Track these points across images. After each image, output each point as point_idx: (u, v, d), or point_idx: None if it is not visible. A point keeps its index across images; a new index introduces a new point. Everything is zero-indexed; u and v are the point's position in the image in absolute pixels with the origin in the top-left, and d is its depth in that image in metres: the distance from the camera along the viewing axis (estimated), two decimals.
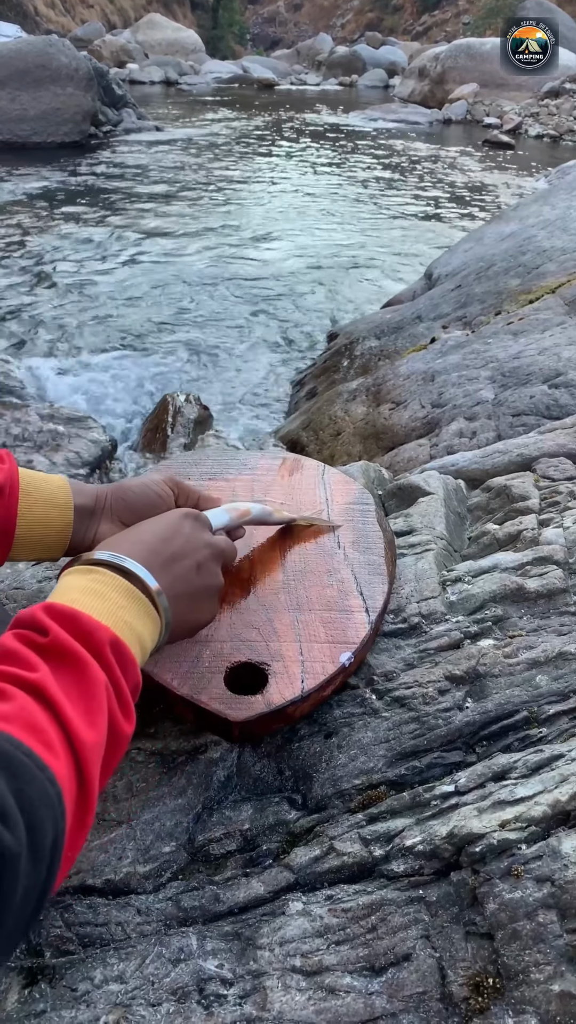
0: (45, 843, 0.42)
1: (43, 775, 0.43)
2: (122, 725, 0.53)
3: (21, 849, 0.39)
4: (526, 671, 0.80)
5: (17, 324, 4.06)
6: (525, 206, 3.81)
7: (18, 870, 0.39)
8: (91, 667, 0.51)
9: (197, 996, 0.59)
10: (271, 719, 0.74)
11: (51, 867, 0.43)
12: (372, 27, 47.68)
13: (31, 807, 0.41)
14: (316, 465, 1.14)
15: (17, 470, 0.75)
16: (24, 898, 0.40)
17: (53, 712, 0.47)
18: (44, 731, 0.45)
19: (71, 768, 0.46)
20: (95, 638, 0.53)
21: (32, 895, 0.41)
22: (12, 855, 0.38)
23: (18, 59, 9.48)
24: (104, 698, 0.51)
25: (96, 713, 0.50)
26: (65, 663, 0.50)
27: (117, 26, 33.44)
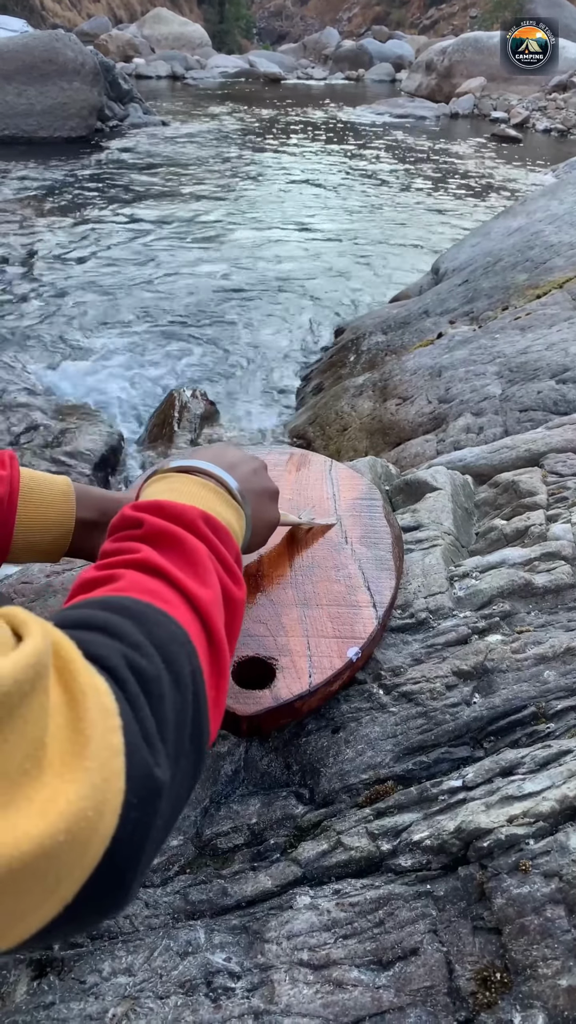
0: (184, 672, 0.42)
1: (167, 620, 0.44)
2: (233, 590, 0.53)
3: (160, 673, 0.39)
4: (534, 666, 0.80)
5: (24, 319, 4.07)
6: (532, 200, 3.79)
7: (161, 689, 0.39)
8: (189, 540, 0.52)
9: (205, 989, 0.59)
10: (279, 714, 0.74)
11: (197, 697, 0.43)
12: (379, 21, 47.50)
13: (162, 643, 0.41)
14: (323, 460, 1.14)
15: (19, 477, 0.74)
16: (178, 723, 0.40)
17: (165, 579, 0.48)
18: (160, 593, 0.46)
19: (194, 620, 0.47)
20: (186, 516, 0.54)
21: (185, 722, 0.41)
22: (152, 676, 0.39)
23: (24, 54, 9.47)
24: (210, 563, 0.52)
25: (206, 576, 0.50)
26: (164, 543, 0.51)
27: (123, 20, 33.39)
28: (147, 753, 0.35)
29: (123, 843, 0.33)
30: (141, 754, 0.35)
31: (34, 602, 0.98)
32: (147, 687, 0.38)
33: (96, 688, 0.34)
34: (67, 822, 0.29)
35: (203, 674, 0.44)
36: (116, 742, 0.33)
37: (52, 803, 0.29)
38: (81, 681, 0.33)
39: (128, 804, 0.33)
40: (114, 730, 0.33)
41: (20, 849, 0.27)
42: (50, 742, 0.30)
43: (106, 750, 0.32)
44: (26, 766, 0.29)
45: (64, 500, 0.77)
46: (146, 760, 0.35)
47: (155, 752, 0.36)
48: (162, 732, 0.38)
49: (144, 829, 0.35)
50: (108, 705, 0.34)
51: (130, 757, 0.34)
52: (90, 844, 0.31)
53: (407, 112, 15.28)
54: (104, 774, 0.32)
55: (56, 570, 1.05)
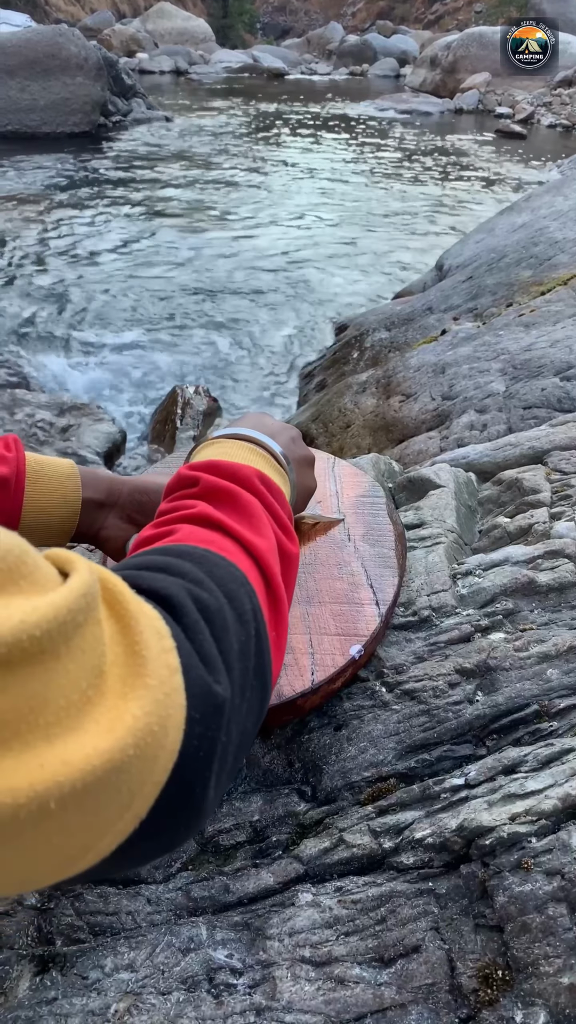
0: (246, 608, 0.43)
1: (225, 562, 0.45)
2: (288, 545, 0.55)
3: (221, 604, 0.41)
4: (537, 665, 0.79)
5: (27, 315, 4.07)
6: (537, 197, 3.78)
7: (224, 618, 0.40)
8: (244, 495, 0.53)
9: (207, 985, 0.59)
10: (281, 711, 0.74)
11: (259, 633, 0.44)
12: (383, 16, 47.33)
13: (223, 582, 0.42)
14: (326, 457, 1.14)
15: (24, 459, 0.75)
16: (241, 653, 0.41)
17: (221, 529, 0.49)
18: (218, 542, 0.47)
19: (252, 567, 0.48)
20: (241, 474, 0.55)
21: (248, 654, 0.42)
22: (215, 608, 0.40)
23: (28, 49, 9.45)
24: (265, 516, 0.53)
25: (261, 528, 0.52)
26: (220, 499, 0.53)
27: (127, 15, 33.30)
28: (204, 672, 0.36)
29: (189, 757, 0.34)
30: (198, 672, 0.36)
31: None
32: (209, 617, 0.39)
33: (147, 614, 0.35)
34: (134, 736, 0.30)
35: (263, 613, 0.46)
36: (173, 661, 0.34)
37: (119, 720, 0.30)
38: (131, 608, 0.34)
39: (191, 719, 0.34)
40: (169, 650, 0.34)
41: (92, 764, 0.28)
42: (108, 668, 0.31)
43: (164, 668, 0.33)
44: (89, 693, 0.29)
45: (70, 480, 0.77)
46: (204, 678, 0.36)
47: (214, 671, 0.37)
48: (226, 658, 0.39)
49: (210, 744, 0.35)
50: (160, 628, 0.35)
51: (188, 674, 0.35)
52: (158, 758, 0.32)
53: (411, 107, 15.24)
54: (165, 690, 0.32)
55: None
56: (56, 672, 0.28)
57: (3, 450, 0.75)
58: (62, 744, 0.28)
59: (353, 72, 25.87)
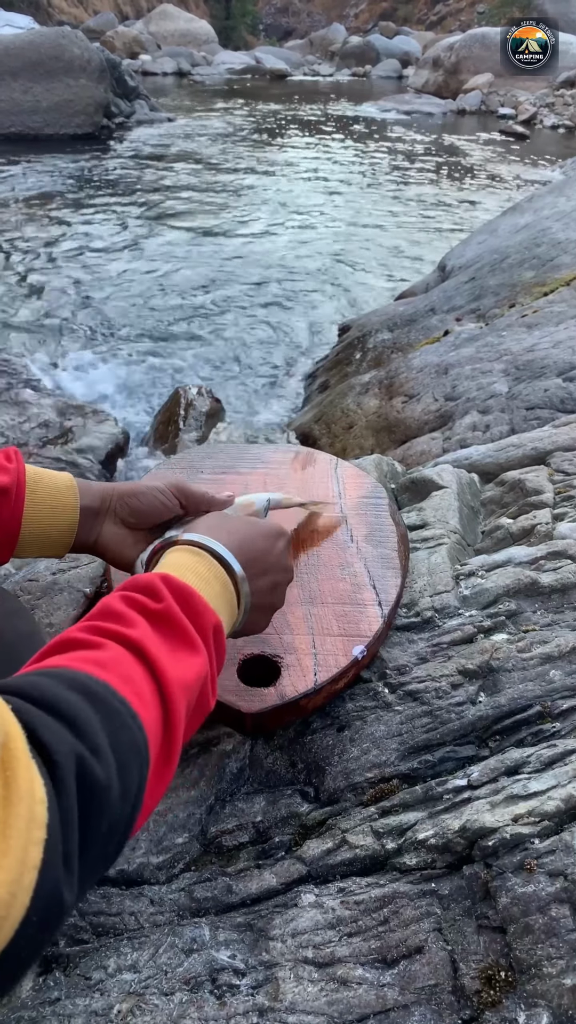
0: (132, 785, 0.43)
1: (134, 724, 0.44)
2: (208, 699, 0.55)
3: (111, 783, 0.40)
4: (540, 666, 0.79)
5: (31, 317, 4.07)
6: (540, 197, 3.78)
7: (106, 803, 0.40)
8: (196, 643, 0.53)
9: (210, 986, 0.59)
10: (284, 712, 0.74)
11: (135, 808, 0.44)
12: (386, 16, 47.33)
13: (122, 751, 0.42)
14: (329, 459, 1.14)
15: (24, 470, 0.75)
16: (109, 832, 0.41)
17: (148, 667, 0.49)
18: (138, 683, 0.47)
19: (159, 721, 0.48)
20: (204, 619, 0.55)
21: (117, 831, 0.42)
22: (103, 787, 0.39)
23: (31, 50, 9.46)
24: (201, 670, 0.53)
25: (190, 677, 0.51)
26: (172, 631, 0.53)
27: (129, 17, 33.34)
28: (61, 873, 0.35)
29: (9, 957, 0.32)
30: (55, 874, 0.35)
31: (40, 599, 0.98)
32: (92, 797, 0.39)
33: (32, 794, 0.34)
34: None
35: (146, 784, 0.45)
36: (35, 856, 0.33)
37: None
38: (20, 783, 0.33)
39: (27, 921, 0.32)
40: (36, 843, 0.33)
41: None
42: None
43: (22, 864, 0.32)
44: None
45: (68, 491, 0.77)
46: (58, 880, 0.35)
47: (70, 871, 0.36)
48: (88, 844, 0.39)
49: (35, 948, 0.34)
50: (38, 815, 0.34)
51: (43, 875, 0.33)
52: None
53: (414, 108, 15.23)
54: (13, 889, 0.31)
55: (62, 567, 1.05)
56: None
57: (3, 461, 0.75)
58: None
59: (356, 73, 25.87)
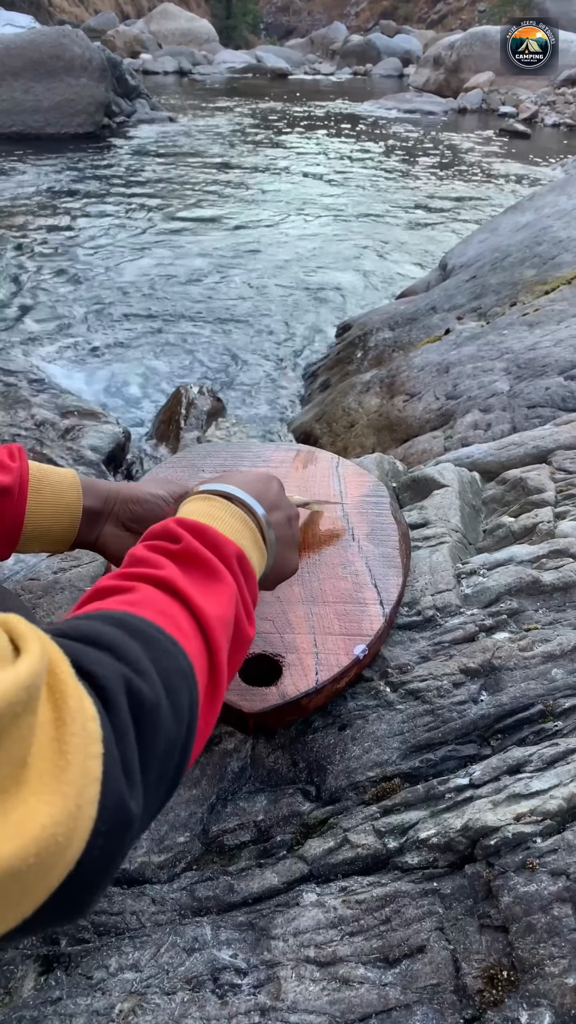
0: (183, 705, 0.43)
1: (175, 649, 0.45)
2: (246, 628, 0.55)
3: (160, 701, 0.40)
4: (541, 664, 0.79)
5: (32, 316, 4.07)
6: (541, 196, 3.77)
7: (159, 720, 0.40)
8: (221, 571, 0.54)
9: (211, 985, 0.59)
10: (285, 711, 0.74)
11: (190, 728, 0.44)
12: (387, 15, 47.32)
13: (167, 673, 0.42)
14: (330, 457, 1.14)
15: (27, 468, 0.76)
16: (167, 752, 0.41)
17: (182, 600, 0.49)
18: (174, 616, 0.47)
19: (202, 649, 0.48)
20: (224, 550, 0.56)
21: (174, 751, 0.42)
22: (151, 704, 0.40)
23: (32, 50, 9.46)
24: (232, 597, 0.53)
25: (223, 606, 0.52)
26: (195, 566, 0.53)
27: (130, 16, 33.34)
28: (123, 784, 0.36)
29: (85, 869, 0.33)
30: (117, 785, 0.35)
31: (41, 598, 0.98)
32: (143, 715, 0.39)
33: (83, 712, 0.34)
34: (38, 846, 0.30)
35: (199, 706, 0.46)
36: (95, 770, 0.34)
37: (26, 824, 0.29)
38: (70, 704, 0.33)
39: (96, 832, 0.34)
40: (94, 757, 0.34)
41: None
42: (32, 761, 0.31)
43: (84, 777, 0.33)
44: (6, 783, 0.29)
45: (72, 490, 0.78)
46: (121, 791, 0.36)
47: (132, 783, 0.37)
48: (147, 761, 0.39)
49: (108, 857, 0.35)
50: (92, 731, 0.34)
51: (106, 786, 0.34)
52: (55, 867, 0.32)
53: (415, 107, 15.22)
54: (79, 801, 0.32)
55: (63, 567, 1.05)
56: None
57: (7, 459, 0.75)
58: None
59: (356, 72, 25.87)
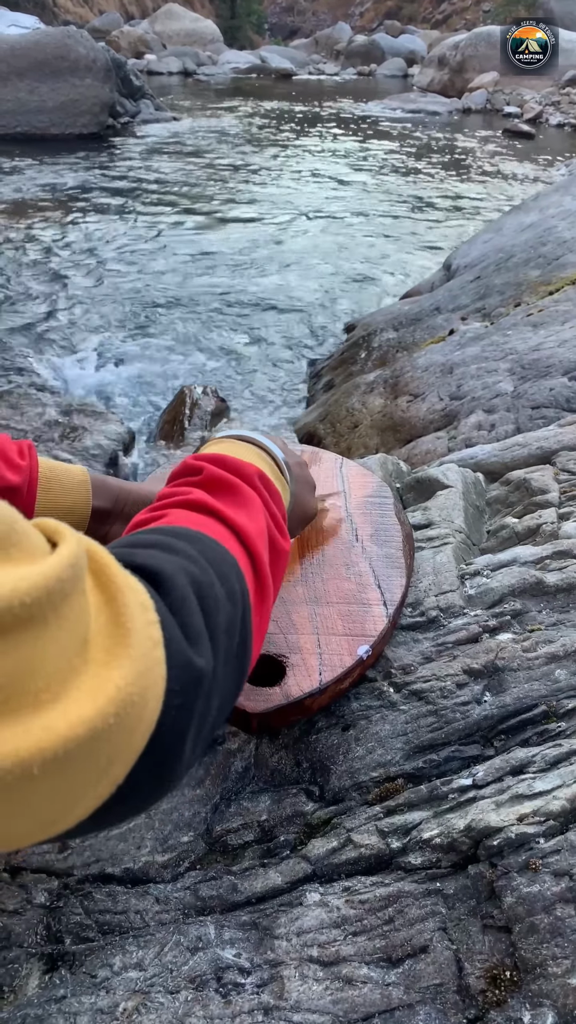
0: (235, 588, 0.44)
1: (219, 547, 0.46)
2: (280, 541, 0.56)
3: (214, 582, 0.42)
4: (545, 665, 0.79)
5: (35, 317, 4.08)
6: (545, 196, 3.77)
7: (216, 598, 0.42)
8: (244, 488, 0.55)
9: (215, 984, 0.59)
10: (289, 711, 0.74)
11: (245, 611, 0.45)
12: (391, 15, 47.29)
13: (216, 562, 0.44)
14: (334, 458, 1.14)
15: (37, 466, 0.76)
16: (228, 629, 0.42)
17: (215, 515, 0.50)
18: (210, 526, 0.49)
19: (242, 553, 0.49)
20: (244, 470, 0.57)
21: (234, 631, 0.44)
22: (207, 584, 0.41)
23: (36, 50, 9.47)
24: (261, 510, 0.55)
25: (255, 518, 0.53)
26: (220, 488, 0.54)
27: (135, 16, 33.38)
28: (186, 646, 0.37)
29: (167, 727, 0.35)
30: (180, 645, 0.37)
31: None
32: (201, 592, 0.41)
33: (132, 587, 0.35)
34: (116, 706, 0.31)
35: (250, 596, 0.47)
36: (155, 634, 0.35)
37: (101, 689, 0.31)
38: (118, 581, 0.35)
39: (171, 691, 0.35)
40: (153, 623, 0.35)
41: (75, 731, 0.29)
42: (93, 638, 0.32)
43: (147, 640, 0.34)
44: (75, 662, 0.30)
45: (81, 489, 0.78)
46: (185, 651, 0.37)
47: (196, 644, 0.38)
48: (212, 632, 0.40)
49: (187, 715, 0.37)
50: (145, 602, 0.36)
51: (169, 647, 0.36)
52: (137, 727, 0.33)
53: (419, 107, 15.20)
54: (147, 662, 0.33)
55: None
56: (44, 640, 0.29)
57: (16, 457, 0.75)
58: (47, 711, 0.28)
59: (361, 72, 25.85)
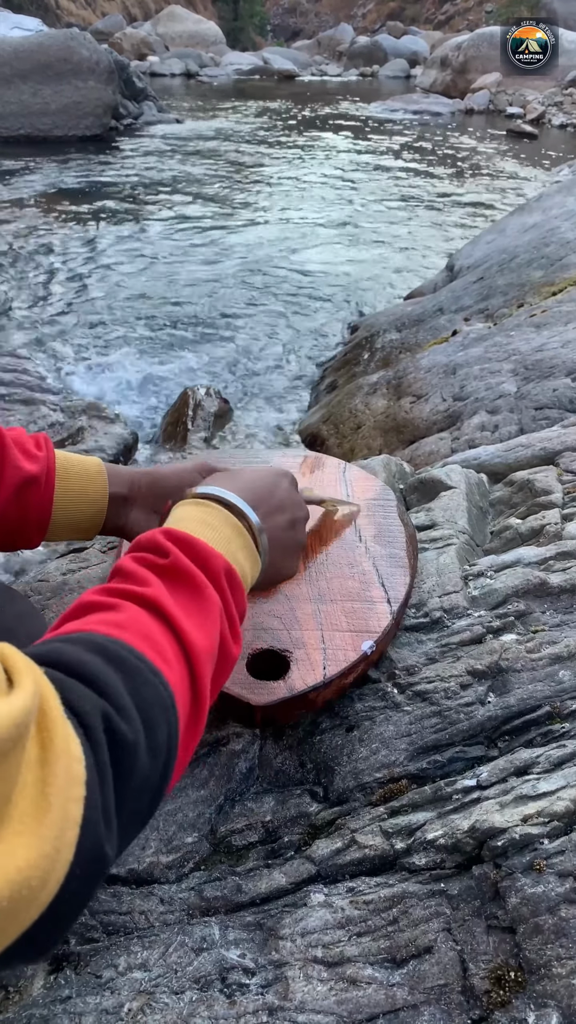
0: (161, 740, 0.43)
1: (156, 679, 0.44)
2: (231, 647, 0.55)
3: (138, 739, 0.40)
4: (549, 666, 0.79)
5: (39, 318, 4.09)
6: (548, 197, 3.77)
7: (135, 759, 0.40)
8: (207, 589, 0.53)
9: (220, 985, 0.60)
10: (293, 705, 0.75)
11: (167, 764, 0.44)
12: (393, 16, 47.30)
13: (147, 706, 0.42)
14: (337, 463, 1.14)
15: (54, 457, 0.77)
16: (141, 788, 0.41)
17: (167, 623, 0.49)
18: (157, 641, 0.47)
19: (184, 677, 0.48)
20: (212, 564, 0.55)
21: (149, 787, 0.42)
22: (129, 743, 0.39)
23: (40, 53, 9.50)
24: (218, 618, 0.53)
25: (209, 629, 0.52)
26: (182, 583, 0.53)
27: (138, 18, 33.43)
28: (102, 828, 0.36)
29: (56, 911, 0.33)
30: (96, 829, 0.36)
31: (50, 599, 0.99)
32: (120, 755, 0.39)
33: (69, 753, 0.34)
34: (11, 889, 0.30)
35: (178, 738, 0.45)
36: (75, 813, 0.34)
37: (2, 866, 0.29)
38: (57, 743, 0.34)
39: (71, 876, 0.34)
40: (76, 800, 0.34)
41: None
42: (16, 799, 0.31)
43: (64, 820, 0.33)
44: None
45: (98, 476, 0.79)
46: (100, 835, 0.36)
47: (109, 826, 0.37)
48: (122, 800, 0.39)
49: (80, 900, 0.35)
50: (77, 773, 0.35)
51: (84, 830, 0.34)
52: (27, 910, 0.32)
53: (422, 108, 15.20)
54: (57, 845, 0.32)
55: (71, 568, 1.06)
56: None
57: (34, 448, 0.76)
58: None
59: (363, 73, 25.88)
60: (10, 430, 0.76)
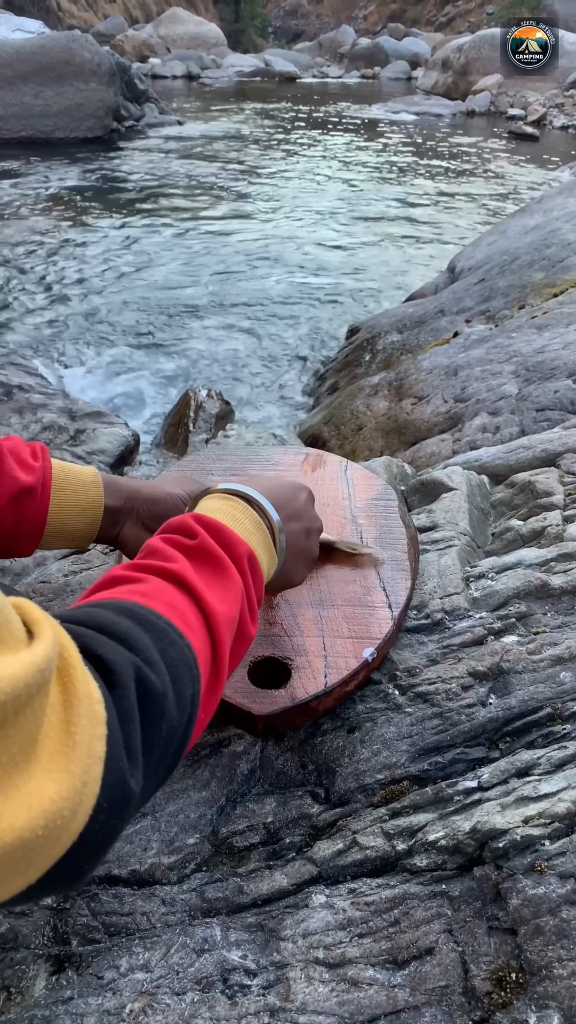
0: (186, 695, 0.46)
1: (182, 641, 0.47)
2: (249, 626, 0.58)
3: (166, 690, 0.43)
4: (550, 668, 0.79)
5: (41, 320, 4.09)
6: (550, 198, 3.77)
7: (164, 709, 0.43)
8: (231, 569, 0.56)
9: (221, 986, 0.60)
10: (295, 713, 0.75)
11: (190, 718, 0.47)
12: (395, 18, 47.35)
13: (174, 664, 0.45)
14: (339, 461, 1.14)
15: (50, 467, 0.78)
16: (168, 737, 0.44)
17: (191, 594, 0.52)
18: (182, 610, 0.50)
19: (207, 643, 0.51)
20: (236, 550, 0.58)
21: (175, 738, 0.45)
22: (159, 693, 0.43)
23: (41, 55, 9.52)
24: (239, 596, 0.56)
25: (230, 603, 0.54)
26: (208, 562, 0.55)
27: (139, 20, 33.50)
28: (125, 763, 0.38)
29: (88, 839, 0.36)
30: (119, 764, 0.38)
31: (52, 601, 0.99)
32: (151, 701, 0.42)
33: (89, 695, 0.37)
34: (46, 819, 0.32)
35: (199, 698, 0.48)
36: (99, 749, 0.36)
37: (36, 798, 0.32)
38: (77, 686, 0.36)
39: (99, 807, 0.36)
40: (99, 738, 0.36)
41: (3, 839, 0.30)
42: (42, 739, 0.33)
43: (89, 756, 0.35)
44: (18, 759, 0.31)
45: (93, 488, 0.80)
46: (123, 770, 0.38)
47: (133, 763, 0.39)
48: (150, 744, 0.42)
49: (109, 831, 0.38)
50: (98, 712, 0.37)
51: (108, 764, 0.37)
52: (60, 839, 0.34)
53: (423, 110, 15.22)
54: (84, 778, 0.34)
55: (74, 570, 1.06)
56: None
57: (30, 459, 0.77)
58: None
59: (365, 75, 25.91)
60: (6, 439, 0.77)
